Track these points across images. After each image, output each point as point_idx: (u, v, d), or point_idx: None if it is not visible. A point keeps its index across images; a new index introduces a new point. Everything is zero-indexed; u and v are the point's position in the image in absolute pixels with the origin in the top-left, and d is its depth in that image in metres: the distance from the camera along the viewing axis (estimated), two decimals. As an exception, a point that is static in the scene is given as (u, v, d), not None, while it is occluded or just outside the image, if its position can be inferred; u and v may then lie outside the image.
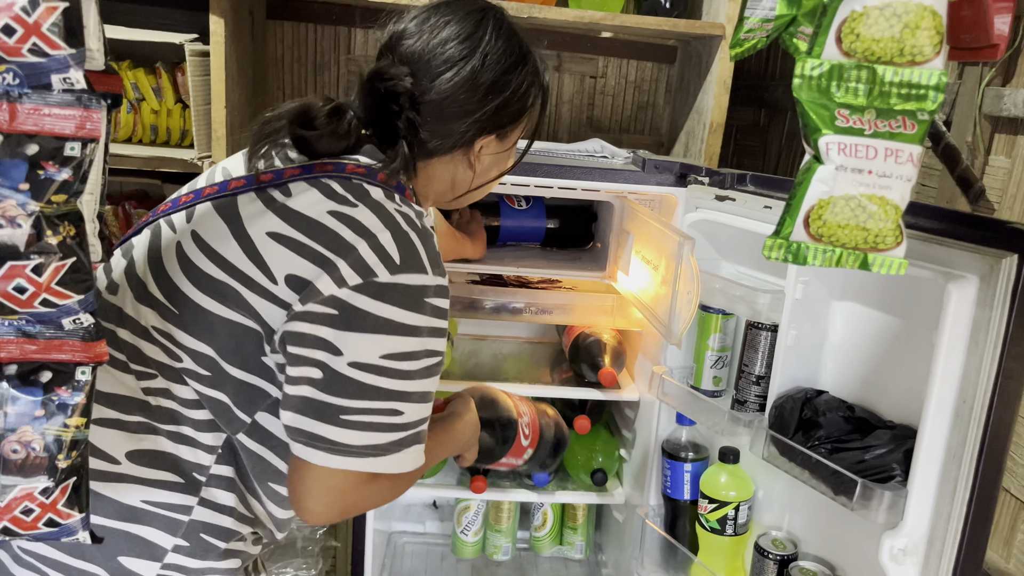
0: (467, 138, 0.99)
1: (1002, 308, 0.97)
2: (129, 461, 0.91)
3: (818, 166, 0.71)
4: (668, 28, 1.79)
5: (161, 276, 0.94)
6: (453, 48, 0.96)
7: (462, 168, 1.04)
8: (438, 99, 0.96)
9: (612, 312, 1.74)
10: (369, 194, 0.91)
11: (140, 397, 0.93)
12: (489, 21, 0.98)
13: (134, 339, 0.94)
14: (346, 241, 0.87)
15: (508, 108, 1.00)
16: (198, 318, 0.91)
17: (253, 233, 0.90)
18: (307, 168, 0.94)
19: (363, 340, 0.85)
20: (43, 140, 0.61)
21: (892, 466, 1.09)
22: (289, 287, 0.87)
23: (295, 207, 0.90)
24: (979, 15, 1.47)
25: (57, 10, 0.59)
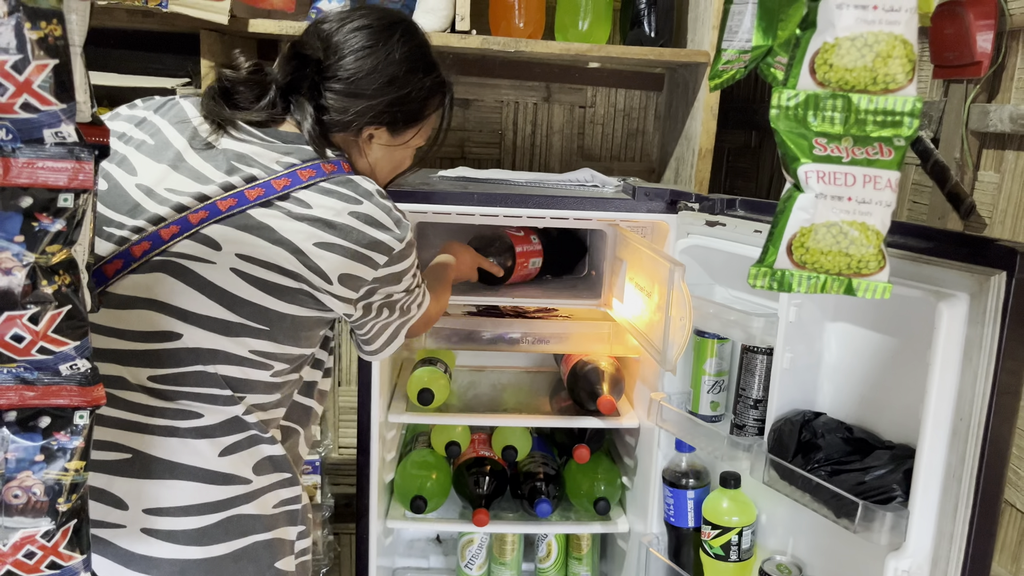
0: (359, 121, 1.10)
1: (993, 325, 0.98)
2: (256, 475, 1.04)
3: (798, 194, 0.73)
4: (654, 57, 1.82)
5: (237, 303, 0.99)
6: (362, 38, 1.09)
7: (356, 152, 1.15)
8: (339, 76, 1.08)
9: (609, 339, 1.75)
10: (359, 185, 1.06)
11: (242, 417, 1.03)
12: (399, 27, 1.12)
13: (229, 369, 1.01)
14: (368, 235, 1.04)
15: (403, 107, 1.12)
16: (284, 325, 1.03)
17: (302, 246, 1.01)
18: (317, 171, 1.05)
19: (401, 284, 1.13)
20: (37, 192, 0.62)
21: (893, 487, 1.09)
22: (342, 284, 1.04)
23: (321, 216, 1.02)
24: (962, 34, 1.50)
25: (48, 67, 0.60)
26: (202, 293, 0.98)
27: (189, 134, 1.06)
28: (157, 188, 1.02)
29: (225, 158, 1.04)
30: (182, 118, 1.09)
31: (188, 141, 1.06)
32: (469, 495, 1.80)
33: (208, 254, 0.99)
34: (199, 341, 0.99)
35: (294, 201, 1.02)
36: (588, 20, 1.85)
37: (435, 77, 1.16)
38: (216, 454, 1.00)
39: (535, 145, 2.26)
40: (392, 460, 1.85)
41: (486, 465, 1.81)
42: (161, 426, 0.98)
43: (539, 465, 1.83)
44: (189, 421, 0.99)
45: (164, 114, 1.10)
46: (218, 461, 1.01)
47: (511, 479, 1.85)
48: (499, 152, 2.26)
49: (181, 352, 0.98)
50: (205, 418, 1.00)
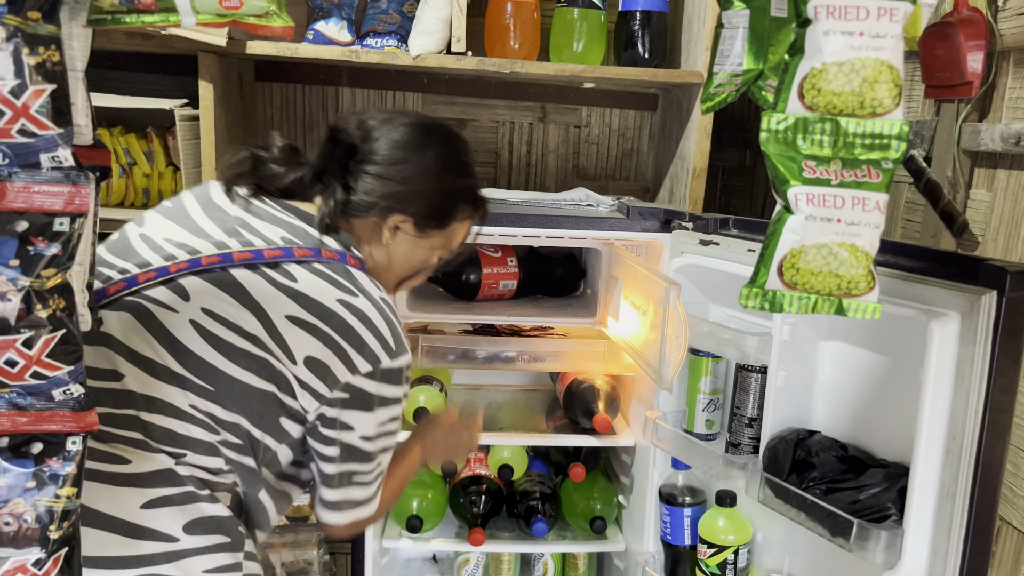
0: (386, 204, 1.07)
1: (985, 344, 0.99)
2: (186, 534, 0.95)
3: (788, 216, 0.74)
4: (647, 78, 1.83)
5: (185, 355, 0.95)
6: (401, 131, 1.09)
7: (376, 239, 1.10)
8: (372, 159, 1.07)
9: (604, 358, 1.75)
10: (358, 280, 1.02)
11: (181, 471, 0.95)
12: (441, 129, 1.13)
13: (164, 420, 0.94)
14: (355, 331, 0.98)
15: (431, 201, 1.10)
16: (234, 390, 0.96)
17: (272, 314, 0.97)
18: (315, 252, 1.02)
19: (369, 417, 1.02)
20: (32, 217, 0.62)
21: (887, 505, 1.10)
22: (308, 368, 0.97)
23: (305, 291, 0.98)
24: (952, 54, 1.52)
25: (45, 92, 0.61)
26: (155, 338, 0.95)
27: (204, 198, 1.09)
28: (155, 237, 1.03)
29: (230, 221, 1.04)
30: (205, 189, 1.12)
31: (201, 204, 1.08)
32: (465, 514, 1.79)
33: (175, 302, 0.97)
34: (139, 385, 0.94)
35: (280, 272, 0.99)
36: (583, 42, 1.87)
37: (468, 183, 1.14)
38: (139, 505, 0.92)
39: (530, 164, 2.27)
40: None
41: (482, 484, 1.81)
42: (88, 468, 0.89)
43: (535, 484, 1.83)
44: (115, 466, 0.92)
45: (195, 189, 1.14)
46: (140, 513, 0.92)
47: (507, 498, 1.85)
48: (495, 171, 2.27)
49: (120, 393, 0.94)
50: (132, 464, 0.92)
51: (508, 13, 1.83)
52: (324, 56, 1.78)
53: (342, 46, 1.85)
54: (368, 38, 1.89)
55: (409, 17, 1.89)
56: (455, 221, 1.14)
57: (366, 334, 0.99)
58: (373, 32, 1.91)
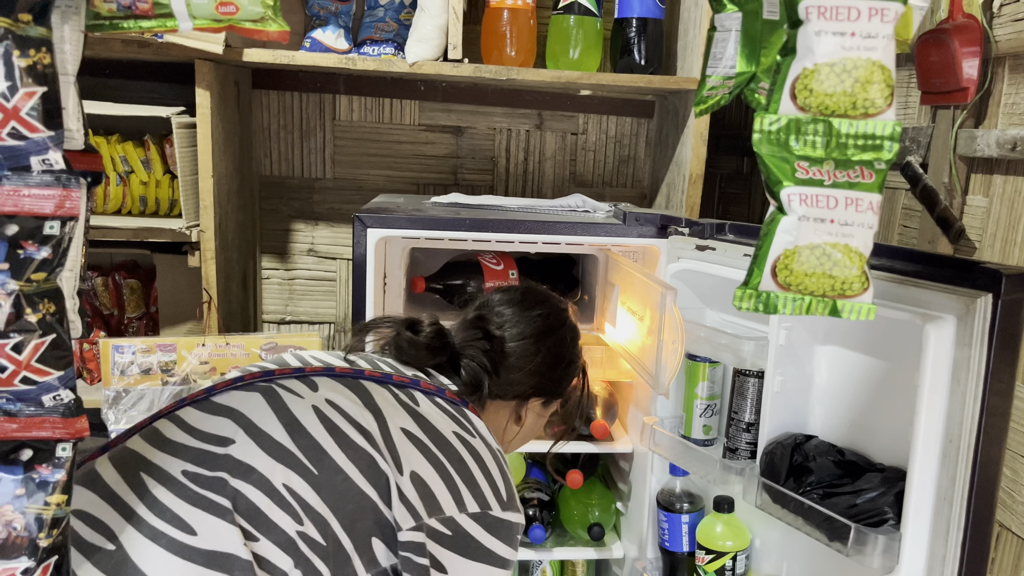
0: (527, 393, 1.17)
1: (980, 347, 0.98)
2: None
3: (781, 217, 0.73)
4: (643, 85, 1.84)
5: (299, 433, 0.92)
6: (540, 324, 1.17)
7: (511, 419, 1.19)
8: (518, 355, 1.14)
9: (602, 364, 1.74)
10: (478, 428, 1.03)
11: (244, 556, 0.86)
12: (568, 319, 1.23)
13: (255, 494, 0.88)
14: (467, 465, 0.97)
15: (559, 384, 1.21)
16: (335, 481, 0.91)
17: (389, 422, 0.96)
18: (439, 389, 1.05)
19: (466, 564, 0.95)
20: (22, 220, 0.62)
21: (884, 509, 1.09)
22: (412, 483, 0.93)
23: (424, 414, 0.99)
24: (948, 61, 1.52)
25: (36, 95, 0.61)
26: (276, 414, 0.94)
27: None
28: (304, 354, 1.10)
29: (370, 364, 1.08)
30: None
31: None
32: (463, 522, 1.78)
33: (303, 391, 0.98)
34: (243, 453, 0.90)
35: (406, 393, 1.01)
36: (579, 48, 1.87)
37: (580, 365, 1.26)
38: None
39: (527, 172, 2.28)
40: None
41: (480, 492, 1.80)
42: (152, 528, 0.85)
43: (533, 491, 1.82)
44: (182, 534, 0.85)
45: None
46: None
47: (505, 506, 1.84)
48: (492, 179, 2.27)
49: (222, 458, 0.90)
50: (198, 537, 0.85)
51: (504, 20, 1.84)
52: (321, 64, 1.79)
53: (339, 54, 1.85)
54: (365, 46, 1.90)
55: (406, 25, 1.90)
56: (567, 392, 1.25)
57: (478, 474, 0.97)
58: (370, 40, 1.91)
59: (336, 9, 1.93)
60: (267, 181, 2.20)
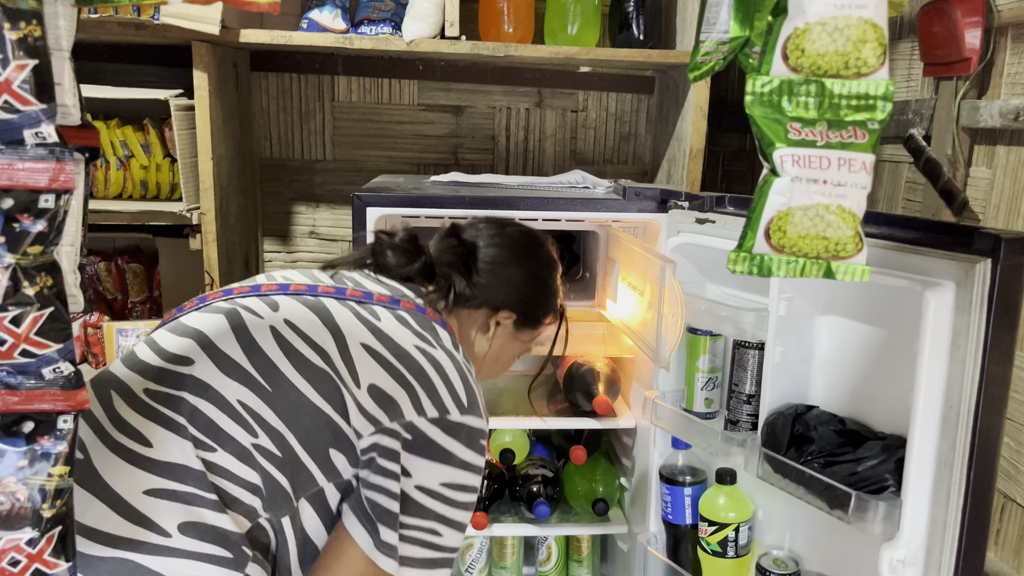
0: (496, 301, 1.16)
1: (980, 312, 0.98)
2: (181, 534, 0.90)
3: (774, 179, 0.73)
4: (642, 59, 1.83)
5: (255, 353, 0.96)
6: (515, 238, 1.19)
7: (480, 330, 1.18)
8: (490, 260, 1.16)
9: (604, 340, 1.75)
10: (442, 339, 1.04)
11: (195, 466, 0.92)
12: (546, 245, 1.24)
13: (211, 409, 0.93)
14: (427, 375, 0.99)
15: (534, 304, 1.21)
16: (289, 398, 0.95)
17: (348, 339, 0.99)
18: (393, 300, 1.06)
19: (430, 467, 0.97)
20: (17, 194, 0.62)
21: (885, 477, 1.09)
22: (370, 395, 0.96)
23: (385, 330, 1.01)
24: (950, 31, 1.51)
25: (27, 67, 0.61)
26: (235, 336, 0.98)
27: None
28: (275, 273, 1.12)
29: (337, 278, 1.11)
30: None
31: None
32: (468, 499, 1.79)
33: (263, 311, 1.01)
34: (202, 372, 0.95)
35: (366, 309, 1.03)
36: (577, 24, 1.86)
37: (558, 297, 1.26)
38: (141, 489, 0.90)
39: (528, 150, 2.27)
40: None
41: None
42: (112, 439, 0.92)
43: (537, 467, 1.83)
44: (138, 445, 0.92)
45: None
46: (138, 497, 0.90)
47: (509, 482, 1.85)
48: (492, 157, 2.27)
49: (183, 376, 0.95)
50: (153, 449, 0.91)
51: (502, -4, 1.83)
52: (318, 43, 1.78)
53: (336, 33, 1.85)
54: (363, 25, 1.89)
55: (403, 4, 1.89)
56: (542, 325, 1.24)
57: (438, 382, 0.99)
58: (367, 20, 1.90)
59: (333, -11, 1.92)
60: (268, 163, 2.20)
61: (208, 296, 1.07)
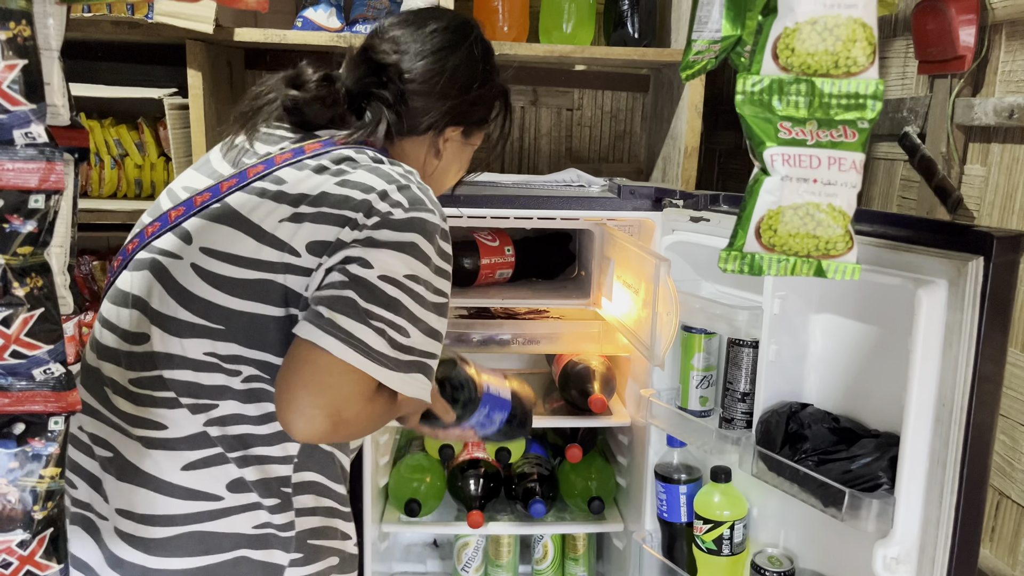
0: (441, 123, 1.07)
1: (972, 310, 0.99)
2: (230, 492, 0.95)
3: (765, 178, 0.73)
4: (637, 58, 1.83)
5: (193, 301, 0.93)
6: (440, 39, 1.05)
7: (430, 154, 1.10)
8: (421, 79, 1.03)
9: (599, 339, 1.75)
10: (359, 161, 0.96)
11: (211, 431, 0.94)
12: (474, 30, 1.10)
13: (189, 375, 0.93)
14: (357, 200, 0.91)
15: (477, 107, 1.10)
16: (243, 324, 0.92)
17: (264, 224, 0.92)
18: (296, 151, 0.96)
19: (389, 256, 0.88)
20: (7, 194, 0.62)
21: (878, 474, 1.10)
22: (311, 253, 0.90)
23: (297, 191, 0.93)
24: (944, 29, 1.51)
25: (16, 67, 0.60)
26: (167, 292, 0.94)
27: (225, 141, 1.05)
28: (176, 188, 1.02)
29: (240, 154, 1.01)
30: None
31: (221, 148, 1.05)
32: (464, 497, 1.79)
33: (180, 248, 0.95)
34: (161, 344, 0.94)
35: (272, 179, 0.95)
36: (572, 22, 1.86)
37: (499, 81, 1.15)
38: (178, 467, 0.94)
39: (523, 149, 2.27)
40: (386, 464, 1.85)
41: (480, 467, 1.81)
42: (134, 434, 0.95)
43: (533, 466, 1.83)
44: (155, 432, 0.94)
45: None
46: (180, 475, 0.94)
47: (505, 480, 1.85)
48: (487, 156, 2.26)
49: (149, 355, 0.94)
50: (169, 430, 0.94)
51: (496, -5, 1.83)
52: (312, 42, 1.78)
53: (330, 32, 1.84)
54: (357, 24, 1.89)
55: (398, 3, 1.89)
56: (492, 118, 1.16)
57: (371, 197, 0.91)
58: (362, 18, 1.90)
59: (327, -13, 1.91)
60: (263, 162, 2.20)
61: (128, 247, 1.00)
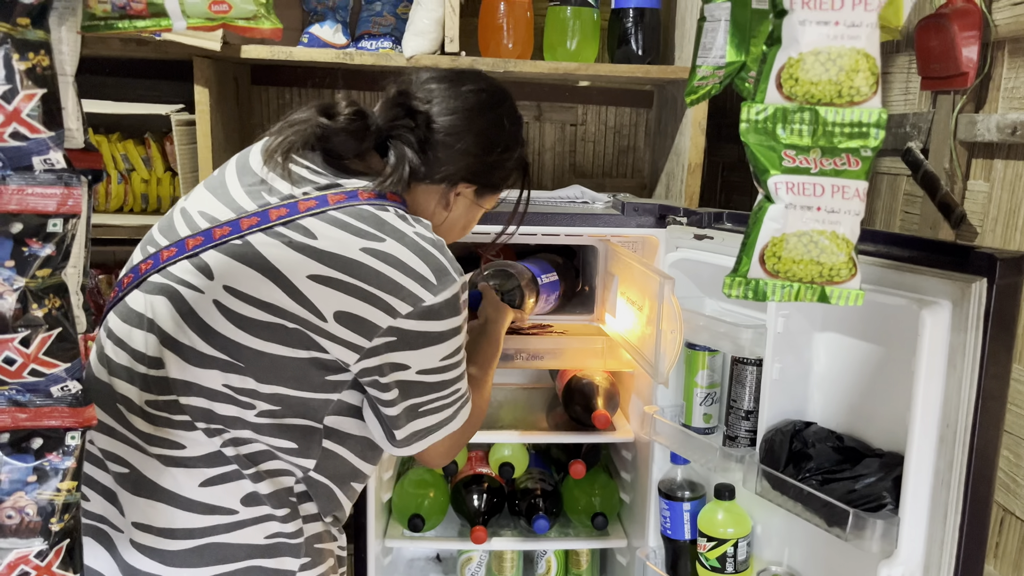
0: (455, 176, 1.10)
1: (976, 331, 0.99)
2: (244, 506, 1.00)
3: (769, 205, 0.74)
4: (641, 75, 1.84)
5: (214, 336, 0.96)
6: (473, 99, 1.09)
7: (440, 204, 1.12)
8: (446, 131, 1.07)
9: (603, 354, 1.76)
10: (386, 222, 0.99)
11: (226, 451, 0.99)
12: (508, 100, 1.14)
13: (204, 403, 0.98)
14: (386, 276, 0.95)
15: (495, 171, 1.14)
16: (264, 364, 0.97)
17: (293, 278, 0.95)
18: (320, 200, 0.99)
19: (423, 353, 1.00)
20: (26, 219, 0.63)
21: (883, 494, 1.10)
22: (339, 323, 0.95)
23: (326, 248, 0.96)
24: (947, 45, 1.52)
25: (36, 97, 0.62)
26: (185, 322, 0.97)
27: (243, 163, 1.07)
28: (192, 211, 1.04)
29: (256, 185, 1.03)
30: (246, 152, 1.10)
31: (238, 169, 1.07)
32: (467, 512, 1.80)
33: (201, 282, 0.98)
34: (178, 371, 0.97)
35: (297, 230, 0.97)
36: (576, 40, 1.88)
37: (523, 154, 1.19)
38: (196, 484, 0.99)
39: (527, 163, 2.28)
40: (389, 479, 1.85)
41: (483, 482, 1.82)
42: (151, 451, 0.99)
43: (536, 481, 1.84)
44: (173, 451, 0.99)
45: (244, 151, 1.11)
46: (198, 491, 0.99)
47: (509, 496, 1.86)
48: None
49: (163, 380, 0.98)
50: (187, 449, 0.98)
51: (501, 13, 1.85)
52: (318, 59, 1.80)
53: (336, 48, 1.86)
54: (363, 40, 1.91)
55: (403, 19, 1.90)
56: (507, 186, 1.20)
57: (400, 277, 0.96)
58: (368, 34, 1.92)
59: (333, 4, 1.93)
60: (268, 177, 2.21)
61: (140, 267, 1.03)
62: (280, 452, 1.02)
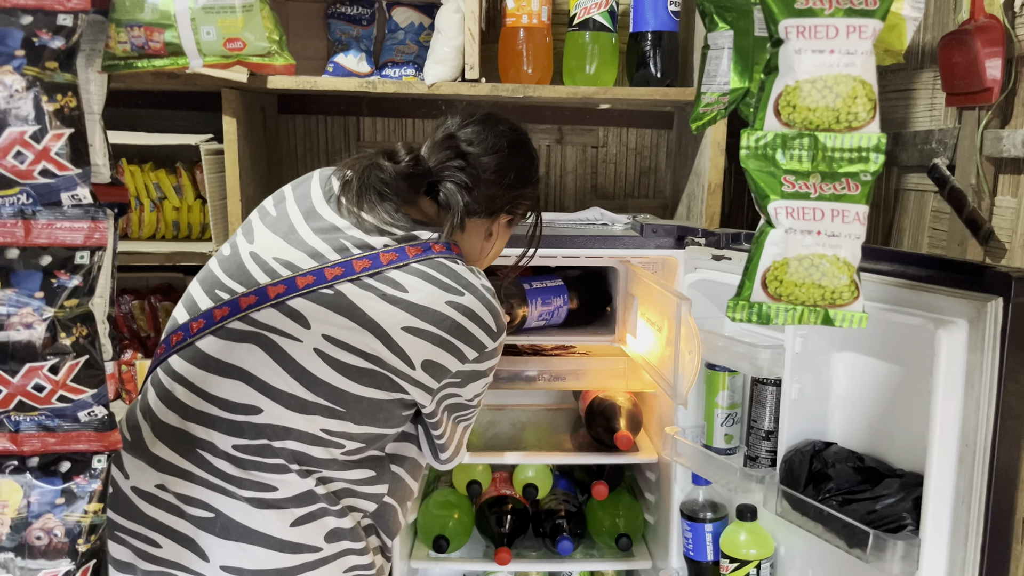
0: (497, 209, 1.21)
1: (993, 350, 0.99)
2: (327, 543, 1.07)
3: (770, 230, 0.75)
4: (660, 97, 1.86)
5: (316, 384, 1.03)
6: (509, 138, 1.21)
7: (485, 236, 1.24)
8: (494, 169, 1.18)
9: (625, 375, 1.76)
10: (461, 276, 1.10)
11: (318, 490, 1.06)
12: (527, 137, 1.27)
13: (299, 446, 1.04)
14: (464, 328, 1.08)
15: (526, 200, 1.26)
16: (363, 408, 1.05)
17: (389, 330, 1.04)
18: (400, 253, 1.08)
19: (474, 386, 1.17)
20: (55, 252, 0.67)
21: (903, 515, 1.09)
22: (424, 370, 1.07)
23: (416, 301, 1.05)
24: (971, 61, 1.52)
25: (64, 136, 0.65)
26: (285, 370, 1.02)
27: (307, 208, 1.13)
28: (265, 256, 1.08)
29: (331, 232, 1.09)
30: (306, 192, 1.16)
31: (304, 214, 1.12)
32: (491, 534, 1.81)
33: (296, 331, 1.03)
34: (276, 417, 1.02)
35: (386, 282, 1.05)
36: (595, 64, 1.90)
37: (538, 184, 1.31)
38: (287, 525, 1.04)
39: (549, 186, 2.30)
40: (415, 500, 1.87)
41: (508, 503, 1.83)
42: (241, 495, 1.02)
43: (560, 502, 1.84)
44: (264, 493, 1.03)
45: (295, 188, 1.18)
46: (289, 531, 1.04)
47: (533, 517, 1.86)
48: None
49: (260, 426, 1.02)
50: (279, 491, 1.03)
51: (520, 39, 1.88)
52: (343, 88, 1.84)
53: (360, 77, 1.90)
54: (386, 68, 1.95)
55: (426, 47, 1.94)
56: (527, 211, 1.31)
57: (474, 328, 1.08)
58: (391, 62, 1.96)
59: (358, 34, 1.98)
60: (295, 203, 2.25)
61: (214, 313, 1.06)
62: (358, 485, 1.10)
